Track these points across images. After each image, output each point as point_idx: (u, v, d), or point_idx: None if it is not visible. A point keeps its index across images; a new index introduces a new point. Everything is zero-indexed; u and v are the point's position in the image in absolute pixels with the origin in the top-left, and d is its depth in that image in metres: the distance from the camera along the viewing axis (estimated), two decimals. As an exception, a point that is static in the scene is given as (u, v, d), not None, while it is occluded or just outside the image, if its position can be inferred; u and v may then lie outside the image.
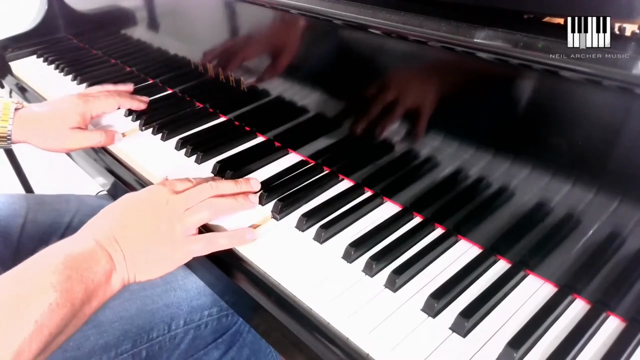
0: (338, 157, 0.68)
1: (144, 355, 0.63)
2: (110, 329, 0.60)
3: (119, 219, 0.53)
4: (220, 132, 0.81)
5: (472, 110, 0.52)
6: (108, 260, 0.49)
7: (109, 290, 0.49)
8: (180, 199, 0.56)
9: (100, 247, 0.49)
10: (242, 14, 0.73)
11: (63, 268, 0.45)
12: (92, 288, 0.46)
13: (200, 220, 0.56)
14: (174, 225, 0.54)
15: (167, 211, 0.54)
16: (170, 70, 0.94)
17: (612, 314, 0.47)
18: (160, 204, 0.54)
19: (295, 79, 0.70)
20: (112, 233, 0.51)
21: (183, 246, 0.54)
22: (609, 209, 0.44)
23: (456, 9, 0.50)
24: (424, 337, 0.46)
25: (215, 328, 0.70)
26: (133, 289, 0.64)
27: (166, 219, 0.54)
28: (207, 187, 0.58)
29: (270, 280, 0.53)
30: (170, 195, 0.56)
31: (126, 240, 0.51)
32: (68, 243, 0.49)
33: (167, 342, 0.65)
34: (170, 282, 0.66)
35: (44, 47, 1.18)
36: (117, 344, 0.61)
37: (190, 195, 0.56)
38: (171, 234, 0.53)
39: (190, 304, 0.66)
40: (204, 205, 0.56)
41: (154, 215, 0.54)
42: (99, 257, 0.48)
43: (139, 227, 0.52)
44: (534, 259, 0.51)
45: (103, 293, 0.48)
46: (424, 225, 0.58)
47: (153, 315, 0.64)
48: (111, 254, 0.49)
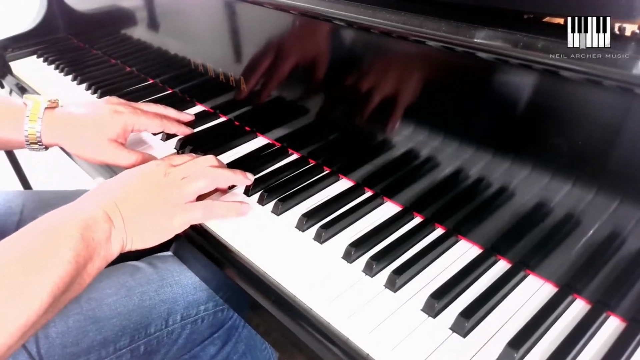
0: (338, 156, 0.68)
1: (142, 351, 0.64)
2: (109, 324, 0.61)
3: (120, 188, 0.56)
4: (220, 132, 0.81)
5: (472, 110, 0.52)
6: (107, 221, 0.51)
7: (109, 251, 0.51)
8: (178, 169, 0.59)
9: (102, 211, 0.52)
10: (242, 14, 0.73)
11: (72, 229, 0.48)
12: (93, 246, 0.49)
13: (197, 188, 0.58)
14: (172, 194, 0.56)
15: (166, 181, 0.57)
16: (170, 70, 0.94)
17: (612, 314, 0.47)
18: (159, 175, 0.57)
19: (295, 79, 0.70)
20: (113, 199, 0.53)
21: (181, 213, 0.56)
22: (609, 209, 0.44)
23: (456, 9, 0.50)
24: (424, 337, 0.46)
25: (212, 322, 0.70)
26: (130, 286, 0.64)
27: (165, 188, 0.56)
28: (204, 159, 0.61)
29: (270, 280, 0.53)
30: (168, 168, 0.59)
31: (126, 206, 0.53)
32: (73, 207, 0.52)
33: (164, 337, 0.66)
34: (166, 277, 0.67)
35: (44, 47, 1.18)
36: (115, 340, 0.61)
37: (188, 166, 0.59)
38: (169, 201, 0.56)
39: (186, 299, 0.67)
40: (201, 174, 0.59)
41: (153, 185, 0.56)
42: (100, 219, 0.51)
43: (138, 196, 0.55)
44: (534, 259, 0.51)
45: (104, 253, 0.51)
46: (424, 225, 0.58)
47: (150, 311, 0.64)
48: (111, 217, 0.52)
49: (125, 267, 0.67)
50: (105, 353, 0.61)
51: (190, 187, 0.57)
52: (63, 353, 0.58)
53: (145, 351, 0.64)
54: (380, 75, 0.58)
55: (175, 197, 0.56)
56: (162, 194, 0.56)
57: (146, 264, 0.68)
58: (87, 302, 0.61)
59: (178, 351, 0.68)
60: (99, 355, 0.60)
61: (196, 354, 0.71)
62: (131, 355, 0.63)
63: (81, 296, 0.60)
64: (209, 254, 0.58)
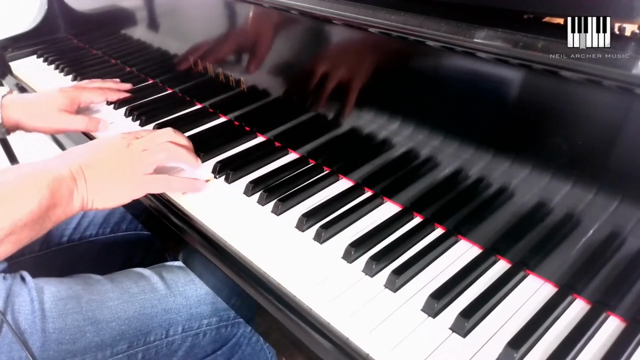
0: (338, 156, 0.68)
1: (140, 358, 0.63)
2: (108, 327, 0.61)
3: (87, 153, 0.62)
4: (220, 132, 0.81)
5: (472, 110, 0.52)
6: (72, 180, 0.58)
7: (70, 205, 0.58)
8: (139, 141, 0.65)
9: (69, 170, 0.59)
10: (242, 14, 0.73)
11: (41, 178, 0.56)
12: (58, 197, 0.56)
13: (156, 160, 0.64)
14: (133, 163, 0.62)
15: (128, 152, 0.63)
16: (170, 70, 0.94)
17: (612, 314, 0.47)
18: (123, 146, 0.64)
19: (295, 79, 0.70)
20: (79, 162, 0.60)
21: (140, 181, 0.62)
22: (609, 209, 0.44)
23: (456, 9, 0.50)
24: (424, 337, 0.46)
25: (214, 338, 0.69)
26: (133, 292, 0.64)
27: (127, 158, 0.63)
28: (164, 133, 0.67)
29: (270, 280, 0.53)
30: (132, 140, 0.65)
31: (90, 171, 0.60)
32: (44, 163, 0.59)
33: (163, 347, 0.65)
34: (171, 287, 0.66)
35: (44, 47, 1.18)
36: (113, 344, 0.61)
37: (149, 138, 0.65)
38: (129, 169, 0.62)
39: (189, 312, 0.66)
40: (160, 148, 0.64)
41: (117, 153, 0.63)
42: (66, 176, 0.58)
43: (102, 162, 0.61)
44: (534, 259, 0.51)
45: (65, 206, 0.57)
46: (424, 226, 0.58)
47: (151, 319, 0.63)
48: (75, 178, 0.59)
49: (130, 273, 0.67)
50: (102, 356, 0.60)
51: (150, 158, 0.63)
52: (58, 349, 0.58)
53: (143, 359, 0.64)
54: (380, 75, 0.58)
55: (136, 166, 0.62)
56: (123, 163, 0.62)
57: (152, 273, 0.68)
58: (88, 303, 0.61)
59: None
60: (94, 357, 0.60)
61: None
62: None
63: (82, 296, 0.61)
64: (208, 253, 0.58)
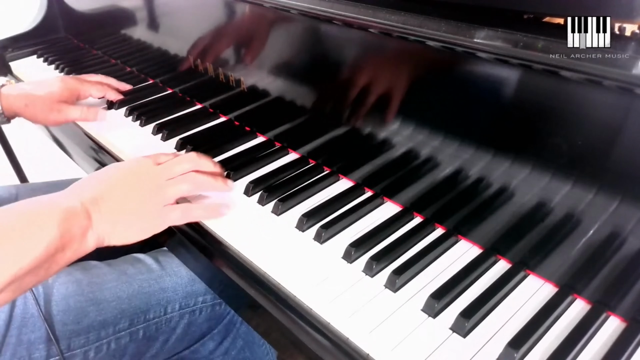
0: (338, 156, 0.68)
1: (141, 335, 0.65)
2: (109, 307, 0.63)
3: (103, 183, 0.56)
4: (220, 132, 0.81)
5: (472, 110, 0.52)
6: (86, 217, 0.51)
7: (84, 245, 0.51)
8: (161, 169, 0.59)
9: (82, 205, 0.52)
10: (242, 14, 0.73)
11: (50, 217, 0.49)
12: (68, 238, 0.49)
13: (179, 191, 0.58)
14: (154, 194, 0.56)
15: (149, 181, 0.57)
16: (170, 70, 0.94)
17: (612, 314, 0.47)
18: (143, 174, 0.58)
19: (295, 79, 0.70)
20: (95, 195, 0.54)
21: (160, 214, 0.56)
22: (609, 209, 0.44)
23: (456, 9, 0.50)
24: (424, 337, 0.46)
25: (210, 316, 0.71)
26: (131, 273, 0.66)
27: (147, 188, 0.56)
28: (188, 160, 0.60)
29: (271, 280, 0.53)
30: (152, 167, 0.59)
31: (107, 202, 0.54)
32: (55, 197, 0.53)
33: (163, 325, 0.67)
34: (166, 268, 0.69)
35: (44, 47, 1.18)
36: (114, 322, 0.63)
37: (171, 166, 0.59)
38: (150, 202, 0.56)
39: (185, 289, 0.68)
40: (184, 178, 0.58)
41: (136, 183, 0.57)
42: (79, 213, 0.51)
43: (120, 193, 0.55)
44: (534, 259, 0.51)
45: (77, 247, 0.51)
46: (424, 226, 0.58)
47: (149, 297, 0.66)
48: (90, 214, 0.52)
49: (126, 258, 0.70)
50: (105, 334, 0.63)
51: (173, 191, 0.57)
52: (63, 330, 0.60)
53: (144, 336, 0.66)
54: (380, 75, 0.58)
55: (157, 200, 0.56)
56: (143, 195, 0.56)
57: (146, 256, 0.70)
58: (89, 286, 0.63)
59: (177, 342, 0.69)
60: (98, 335, 0.62)
61: (196, 350, 0.72)
62: (130, 339, 0.65)
63: (82, 280, 0.63)
64: (209, 253, 0.58)
